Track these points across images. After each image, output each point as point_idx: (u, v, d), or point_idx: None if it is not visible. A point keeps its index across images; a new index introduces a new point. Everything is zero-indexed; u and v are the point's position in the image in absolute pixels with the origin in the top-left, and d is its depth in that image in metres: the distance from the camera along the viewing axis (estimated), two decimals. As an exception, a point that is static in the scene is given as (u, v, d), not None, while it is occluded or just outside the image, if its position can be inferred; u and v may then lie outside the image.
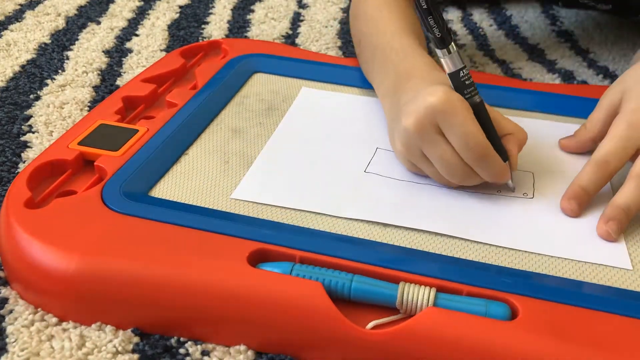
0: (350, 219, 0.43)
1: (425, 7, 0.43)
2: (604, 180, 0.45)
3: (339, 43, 0.78)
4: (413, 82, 0.48)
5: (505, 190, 0.47)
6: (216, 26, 0.84)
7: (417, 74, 0.49)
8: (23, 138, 0.56)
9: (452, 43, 0.44)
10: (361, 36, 0.60)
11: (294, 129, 0.53)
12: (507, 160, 0.45)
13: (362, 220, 0.43)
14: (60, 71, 0.69)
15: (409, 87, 0.47)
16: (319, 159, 0.50)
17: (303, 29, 0.83)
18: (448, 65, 0.44)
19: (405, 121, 0.44)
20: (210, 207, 0.44)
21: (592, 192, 0.45)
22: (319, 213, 0.43)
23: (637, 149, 0.44)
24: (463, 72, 0.44)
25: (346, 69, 0.63)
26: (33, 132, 0.57)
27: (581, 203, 0.45)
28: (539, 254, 0.41)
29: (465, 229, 0.43)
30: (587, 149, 0.51)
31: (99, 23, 0.83)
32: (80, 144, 0.48)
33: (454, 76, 0.44)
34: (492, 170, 0.44)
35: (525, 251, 0.41)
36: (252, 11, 0.90)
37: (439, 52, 0.44)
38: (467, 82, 0.44)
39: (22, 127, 0.58)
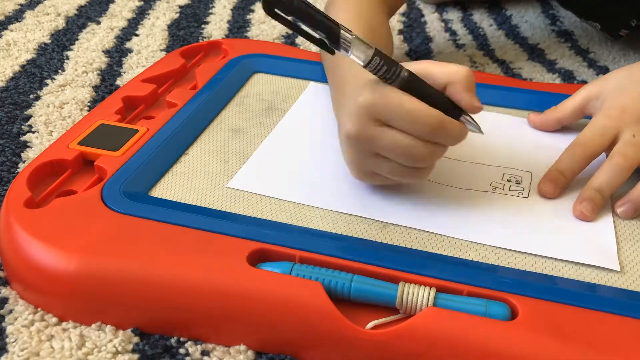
0: (346, 213, 0.44)
1: (291, 16, 0.37)
2: (581, 164, 0.47)
3: (339, 43, 0.78)
4: (346, 91, 0.46)
5: (475, 132, 0.44)
6: (216, 26, 0.84)
7: (350, 80, 0.47)
8: (23, 138, 0.56)
9: (343, 34, 0.38)
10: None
11: (297, 123, 0.54)
12: (462, 113, 0.42)
13: (358, 217, 0.43)
14: (60, 71, 0.69)
15: (343, 98, 0.46)
16: (318, 154, 0.50)
17: (303, 29, 0.83)
18: (357, 58, 0.39)
19: (343, 130, 0.42)
20: (210, 207, 0.44)
21: (568, 174, 0.47)
22: (314, 207, 0.44)
23: (613, 137, 0.47)
24: (375, 60, 0.39)
25: (346, 69, 0.63)
26: (33, 132, 0.57)
27: (557, 184, 0.47)
28: (528, 253, 0.41)
29: (459, 228, 0.43)
30: (551, 128, 0.55)
31: (99, 23, 0.83)
32: (80, 143, 0.48)
33: (369, 67, 0.39)
34: (452, 133, 0.41)
35: (514, 250, 0.41)
36: (252, 11, 0.90)
37: (342, 52, 0.39)
38: (384, 67, 0.39)
39: (22, 127, 0.58)
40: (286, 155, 0.50)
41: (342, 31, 0.38)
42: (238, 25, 0.85)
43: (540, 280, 0.39)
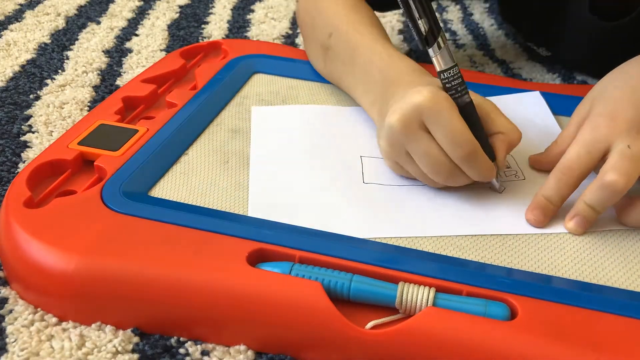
0: (375, 239, 0.42)
1: (405, 13, 0.41)
2: (569, 188, 0.43)
3: (338, 43, 0.78)
4: (402, 88, 0.46)
5: (492, 189, 0.46)
6: (216, 26, 0.84)
7: (405, 78, 0.48)
8: (23, 138, 0.56)
9: (441, 37, 0.42)
10: (334, 30, 0.56)
11: (267, 151, 0.50)
12: (493, 160, 0.44)
13: (385, 238, 0.42)
14: (60, 71, 0.69)
15: (396, 92, 0.46)
16: (311, 176, 0.48)
17: (303, 29, 0.83)
18: (439, 62, 0.43)
19: (389, 118, 0.43)
20: (209, 207, 0.44)
21: (556, 201, 0.43)
22: (343, 235, 0.42)
23: (603, 152, 0.42)
24: (453, 71, 0.43)
25: (346, 69, 0.63)
26: (33, 132, 0.57)
27: (546, 213, 0.43)
28: (542, 233, 0.43)
29: (473, 224, 0.43)
30: None
31: (99, 23, 0.83)
32: (80, 144, 0.49)
33: (443, 74, 0.43)
34: (479, 168, 0.43)
35: (530, 234, 0.43)
36: (252, 11, 0.90)
37: (430, 51, 0.42)
38: (456, 82, 0.43)
39: (22, 127, 0.58)
40: (282, 184, 0.47)
41: (442, 32, 0.42)
42: (238, 25, 0.85)
43: (539, 280, 0.39)
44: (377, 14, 0.62)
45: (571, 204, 0.43)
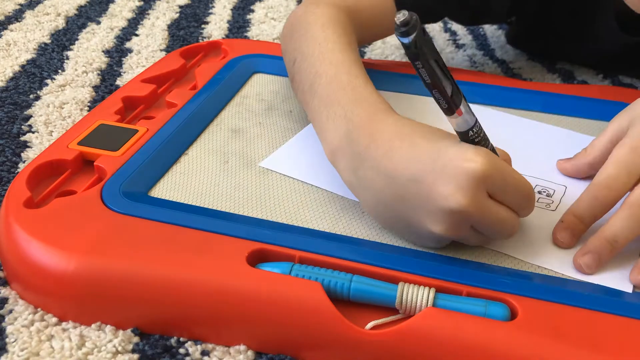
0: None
1: (428, 81, 0.34)
2: (604, 209, 0.41)
3: (338, 43, 0.78)
4: (395, 145, 0.39)
5: None
6: (216, 26, 0.84)
7: (381, 131, 0.41)
8: (23, 138, 0.56)
9: (462, 102, 0.36)
10: (298, 55, 0.51)
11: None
12: None
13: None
14: (60, 71, 0.69)
15: (398, 160, 0.39)
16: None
17: (303, 29, 0.83)
18: (458, 124, 0.37)
19: (450, 202, 0.36)
20: (209, 207, 0.44)
21: (588, 221, 0.41)
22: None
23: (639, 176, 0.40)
24: (474, 131, 0.37)
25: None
26: (33, 132, 0.57)
27: (575, 233, 0.41)
28: (546, 268, 0.40)
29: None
30: (583, 175, 0.47)
31: (99, 23, 0.83)
32: (80, 144, 0.49)
33: (472, 131, 0.37)
34: (533, 204, 0.39)
35: (529, 263, 0.40)
36: (252, 11, 0.90)
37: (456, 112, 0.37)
38: (478, 139, 0.38)
39: (22, 127, 0.58)
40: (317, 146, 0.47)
41: (463, 99, 0.36)
42: (238, 25, 0.85)
43: (539, 280, 0.39)
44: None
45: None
